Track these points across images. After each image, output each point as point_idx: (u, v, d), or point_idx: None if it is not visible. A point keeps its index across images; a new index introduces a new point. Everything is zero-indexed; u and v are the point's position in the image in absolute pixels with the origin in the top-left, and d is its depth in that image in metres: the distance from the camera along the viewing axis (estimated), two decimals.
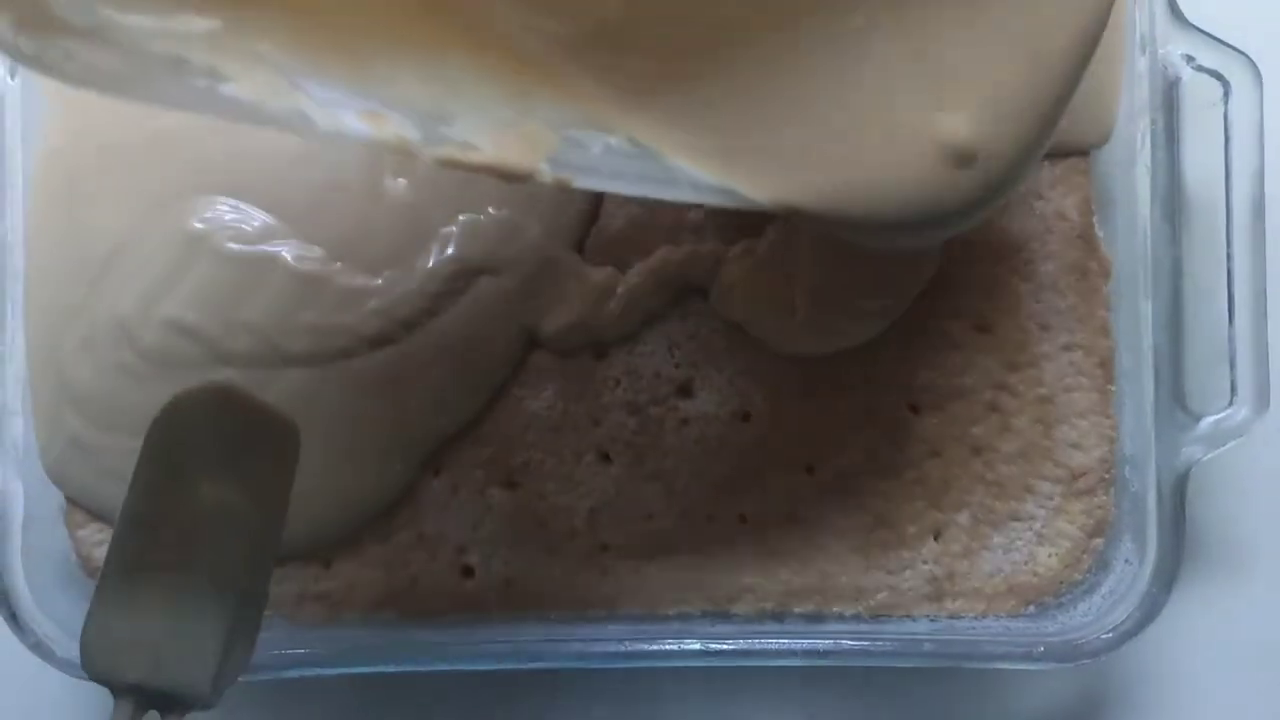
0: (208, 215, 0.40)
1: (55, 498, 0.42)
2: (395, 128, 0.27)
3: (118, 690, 0.33)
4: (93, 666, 0.33)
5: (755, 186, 0.30)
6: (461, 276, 0.40)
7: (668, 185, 0.30)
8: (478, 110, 0.29)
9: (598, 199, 0.41)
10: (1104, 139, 0.42)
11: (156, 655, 0.33)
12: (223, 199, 0.41)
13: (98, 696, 0.35)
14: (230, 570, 0.34)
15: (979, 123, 0.30)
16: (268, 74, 0.27)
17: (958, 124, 0.30)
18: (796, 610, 0.42)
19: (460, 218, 0.41)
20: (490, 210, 0.40)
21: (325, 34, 0.27)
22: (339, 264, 0.40)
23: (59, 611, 0.40)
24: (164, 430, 0.34)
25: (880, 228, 0.31)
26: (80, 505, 0.42)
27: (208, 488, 0.34)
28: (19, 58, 0.25)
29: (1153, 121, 0.40)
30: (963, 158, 0.30)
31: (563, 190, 0.29)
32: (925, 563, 0.42)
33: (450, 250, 0.40)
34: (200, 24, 0.26)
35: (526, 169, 0.28)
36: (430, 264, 0.40)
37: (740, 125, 0.30)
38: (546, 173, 0.28)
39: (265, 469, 0.35)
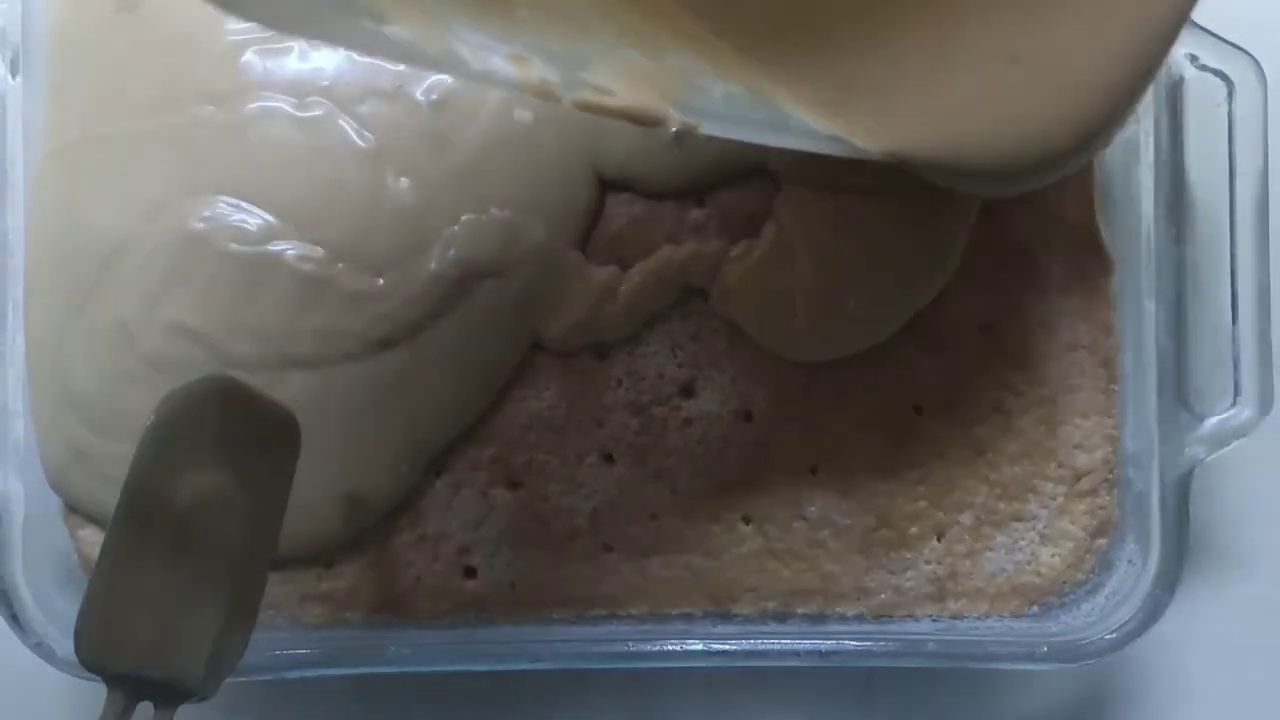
0: (208, 215, 0.40)
1: (56, 498, 0.42)
2: (539, 71, 0.28)
3: (110, 679, 0.33)
4: (85, 655, 0.33)
5: (866, 135, 0.31)
6: (465, 279, 0.40)
7: (784, 132, 0.31)
8: (610, 54, 0.29)
9: (599, 198, 0.41)
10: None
11: (150, 646, 0.33)
12: (223, 198, 0.40)
13: (98, 696, 0.35)
14: (226, 562, 0.34)
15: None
16: (423, 16, 0.28)
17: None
18: (799, 610, 0.42)
19: (463, 218, 0.40)
20: (493, 210, 0.40)
21: None
22: (341, 265, 0.40)
23: (60, 612, 0.40)
24: (162, 421, 0.34)
25: (990, 174, 0.32)
26: (80, 513, 0.42)
27: (205, 479, 0.34)
28: None
29: (1156, 121, 0.40)
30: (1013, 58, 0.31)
31: (680, 138, 0.30)
32: (928, 563, 0.42)
33: (453, 252, 0.40)
34: None
35: (657, 113, 0.29)
36: (434, 266, 0.40)
37: (852, 75, 0.30)
38: (675, 118, 0.29)
39: (264, 462, 0.35)
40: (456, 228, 0.40)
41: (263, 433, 0.35)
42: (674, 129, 0.29)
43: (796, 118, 0.30)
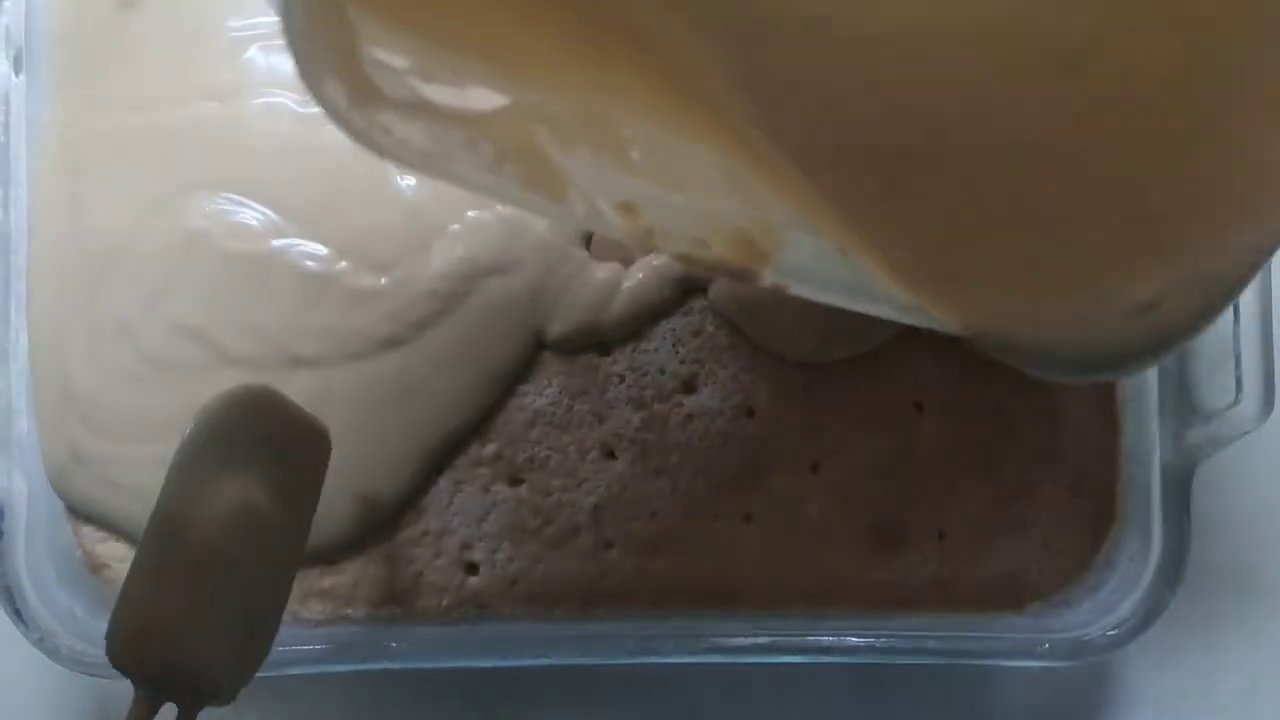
0: (210, 211, 0.40)
1: None
2: (646, 223, 0.28)
3: (138, 681, 0.34)
4: (116, 656, 0.34)
5: (949, 310, 0.30)
6: (470, 277, 0.40)
7: (865, 299, 0.31)
8: (709, 204, 0.29)
9: None
10: None
11: (179, 649, 0.33)
12: (226, 195, 0.40)
13: (102, 692, 0.36)
14: (254, 570, 0.34)
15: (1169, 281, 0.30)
16: (544, 165, 0.28)
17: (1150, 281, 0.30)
18: (800, 607, 0.42)
19: (467, 215, 0.40)
20: (496, 208, 0.40)
21: (598, 126, 0.28)
22: (345, 263, 0.40)
23: (63, 607, 0.40)
24: (199, 431, 0.34)
25: (1058, 364, 0.31)
26: (80, 515, 0.42)
27: (238, 489, 0.34)
28: (350, 131, 0.26)
29: None
30: (1144, 307, 0.30)
31: (777, 292, 0.30)
32: (929, 560, 0.42)
33: (458, 250, 0.40)
34: (487, 100, 0.27)
35: (753, 269, 0.29)
36: (438, 264, 0.40)
37: (941, 248, 0.30)
38: (769, 277, 0.29)
39: (295, 473, 0.35)
40: (460, 225, 0.40)
41: (295, 444, 0.35)
42: (766, 286, 0.29)
43: (881, 284, 0.30)
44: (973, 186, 0.28)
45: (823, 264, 0.30)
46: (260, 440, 0.34)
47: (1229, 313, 0.40)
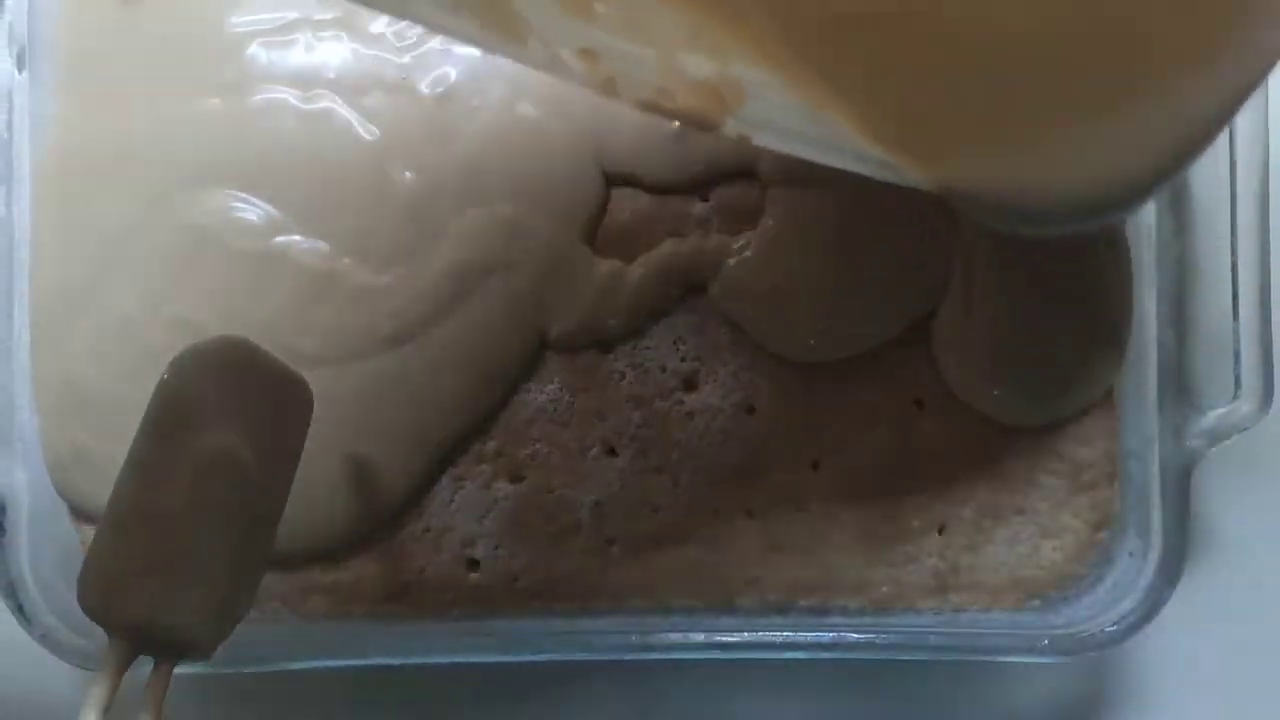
0: (211, 208, 0.40)
1: None
2: (607, 70, 0.28)
3: (112, 629, 0.33)
4: (88, 604, 0.33)
5: (920, 166, 0.30)
6: (471, 274, 0.40)
7: (834, 152, 0.30)
8: (676, 55, 0.29)
9: (604, 193, 0.41)
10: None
11: (154, 599, 0.33)
12: (226, 192, 0.40)
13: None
14: (232, 522, 0.34)
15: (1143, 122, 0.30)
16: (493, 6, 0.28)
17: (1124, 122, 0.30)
18: (801, 603, 0.42)
19: (469, 212, 0.40)
20: (499, 205, 0.40)
21: None
22: (347, 260, 0.40)
23: (66, 603, 0.40)
24: (174, 378, 0.34)
25: (1048, 214, 0.31)
26: (83, 515, 0.42)
27: (214, 437, 0.34)
28: None
29: None
30: (1113, 151, 0.30)
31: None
32: (929, 556, 0.42)
33: (460, 249, 0.40)
34: None
35: (715, 119, 0.29)
36: (441, 263, 0.40)
37: (913, 100, 0.29)
38: (732, 126, 0.29)
39: (275, 424, 0.35)
40: (462, 223, 0.40)
41: (273, 395, 0.35)
42: (729, 135, 0.29)
43: (850, 138, 0.30)
44: (948, 40, 0.28)
45: (789, 117, 0.30)
46: (235, 390, 0.34)
47: (1228, 311, 0.40)
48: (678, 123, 0.30)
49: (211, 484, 0.33)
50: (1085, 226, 0.32)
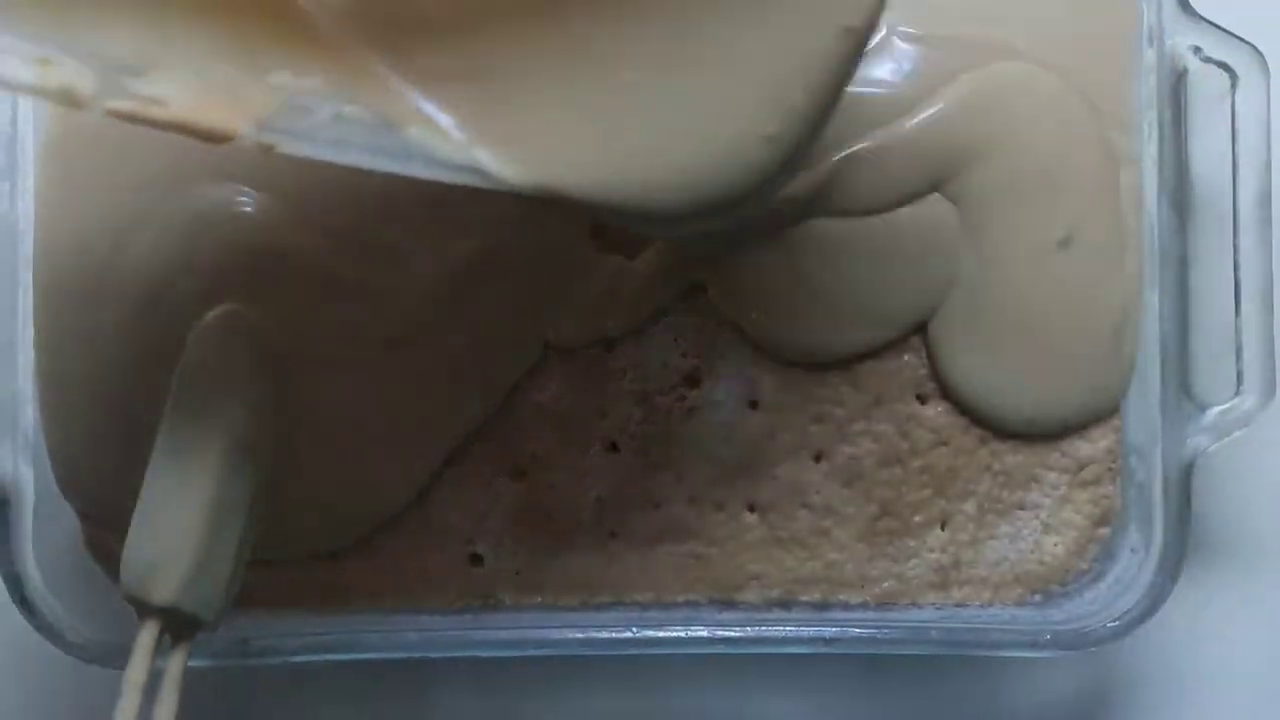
0: (215, 201, 0.40)
1: None
2: (64, 76, 0.26)
3: (150, 613, 0.35)
4: (130, 589, 0.35)
5: (510, 166, 0.29)
6: (476, 274, 0.40)
7: (404, 160, 0.29)
8: (190, 66, 0.27)
9: None
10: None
11: (186, 581, 0.35)
12: (229, 185, 0.40)
13: (107, 680, 0.36)
14: (248, 501, 0.36)
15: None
16: None
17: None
18: (803, 598, 0.42)
19: (472, 211, 0.40)
20: (502, 205, 0.40)
21: None
22: (351, 258, 0.40)
23: (69, 596, 0.40)
24: (191, 361, 0.35)
25: (663, 216, 0.30)
26: (90, 518, 0.41)
27: (233, 416, 0.35)
28: None
29: (1160, 113, 0.41)
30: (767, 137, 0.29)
31: (266, 154, 0.27)
32: (931, 551, 0.42)
33: (464, 248, 0.40)
34: None
35: (223, 130, 0.27)
36: (445, 264, 0.40)
37: (498, 100, 0.29)
38: (249, 135, 0.27)
39: (275, 400, 0.37)
40: (465, 222, 0.40)
41: (274, 372, 0.37)
42: (245, 146, 0.27)
43: (422, 144, 0.28)
44: (513, 41, 0.27)
45: (343, 128, 0.28)
46: (249, 368, 0.36)
47: (1230, 306, 0.40)
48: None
49: (235, 465, 0.35)
50: (713, 220, 0.31)
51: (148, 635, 0.35)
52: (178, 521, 0.35)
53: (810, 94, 0.29)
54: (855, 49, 0.29)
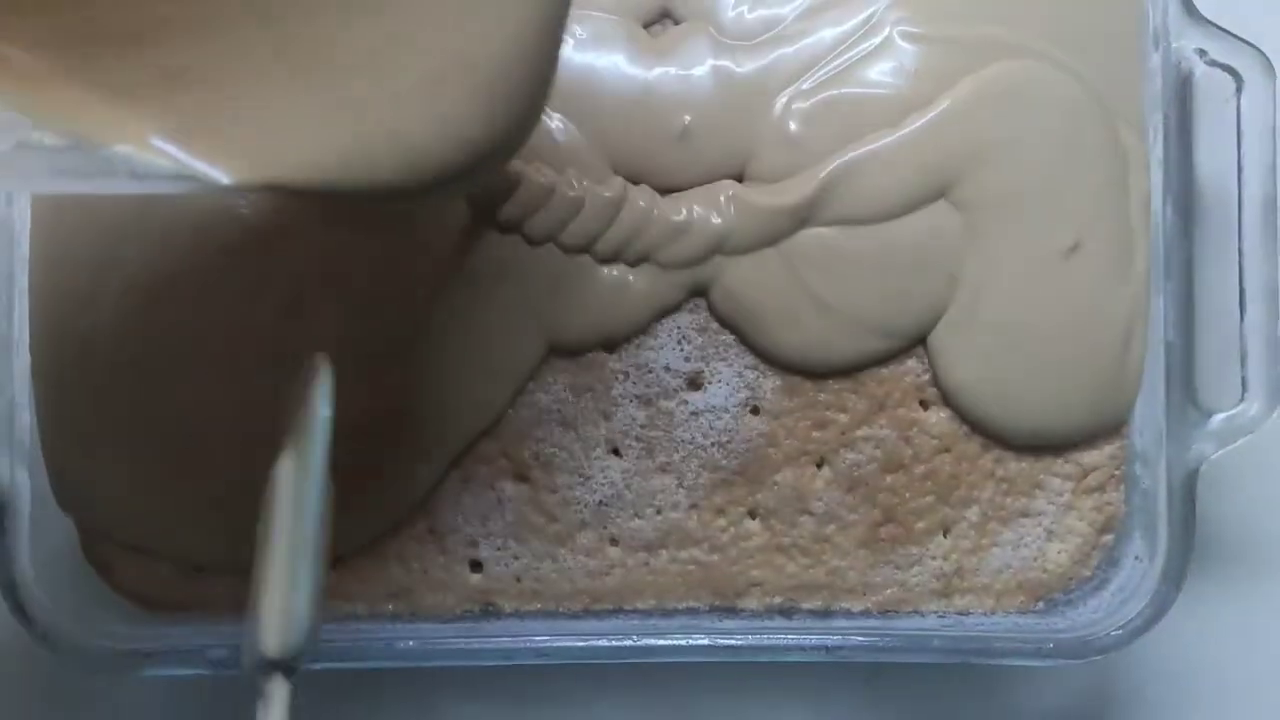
0: (210, 205, 0.40)
1: None
2: None
3: (288, 669, 0.34)
4: (275, 653, 0.34)
5: (226, 166, 0.28)
6: (478, 280, 0.40)
7: (101, 178, 0.29)
8: None
9: None
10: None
11: (314, 626, 0.34)
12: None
13: (103, 687, 0.35)
14: (324, 542, 0.35)
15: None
16: None
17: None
18: (805, 606, 0.42)
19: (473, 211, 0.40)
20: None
21: None
22: (353, 262, 0.40)
23: (66, 603, 0.40)
24: (319, 409, 0.35)
25: (391, 193, 0.30)
26: (88, 530, 0.41)
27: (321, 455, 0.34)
28: None
29: (1165, 115, 0.40)
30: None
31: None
32: (934, 559, 0.42)
33: (468, 251, 0.40)
34: None
35: None
36: (447, 264, 0.40)
37: (206, 98, 0.28)
38: None
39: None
40: (467, 224, 0.40)
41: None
42: None
43: (128, 159, 0.28)
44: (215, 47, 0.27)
45: (23, 155, 0.28)
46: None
47: (1235, 313, 0.40)
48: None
49: (324, 522, 0.34)
50: (441, 196, 0.31)
51: (283, 690, 0.34)
52: (300, 572, 0.34)
53: (511, 68, 0.29)
54: (551, 18, 0.29)
